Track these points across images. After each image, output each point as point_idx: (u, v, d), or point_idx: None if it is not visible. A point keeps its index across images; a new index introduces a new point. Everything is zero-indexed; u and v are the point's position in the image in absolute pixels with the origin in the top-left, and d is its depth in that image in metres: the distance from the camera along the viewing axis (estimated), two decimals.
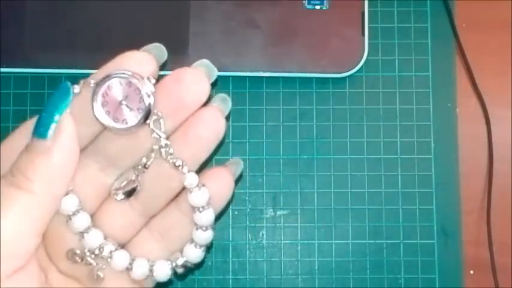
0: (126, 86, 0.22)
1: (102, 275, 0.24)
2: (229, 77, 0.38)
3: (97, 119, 0.22)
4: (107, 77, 0.22)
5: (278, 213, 0.38)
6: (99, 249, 0.23)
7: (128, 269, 0.24)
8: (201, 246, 0.24)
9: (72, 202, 0.23)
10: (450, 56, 0.39)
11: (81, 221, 0.23)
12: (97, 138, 0.23)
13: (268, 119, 0.38)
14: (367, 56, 0.38)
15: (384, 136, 0.38)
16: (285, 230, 0.38)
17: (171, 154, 0.22)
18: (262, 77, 0.38)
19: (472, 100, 0.39)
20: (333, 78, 0.38)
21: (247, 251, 0.37)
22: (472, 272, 0.37)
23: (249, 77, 0.38)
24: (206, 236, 0.24)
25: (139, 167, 0.23)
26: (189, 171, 0.23)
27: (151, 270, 0.24)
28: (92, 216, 0.24)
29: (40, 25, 0.38)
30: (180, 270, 0.24)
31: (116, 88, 0.22)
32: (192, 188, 0.23)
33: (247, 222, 0.38)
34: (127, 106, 0.22)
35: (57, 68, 0.38)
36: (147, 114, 0.22)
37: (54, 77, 0.38)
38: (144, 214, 0.24)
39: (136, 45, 0.23)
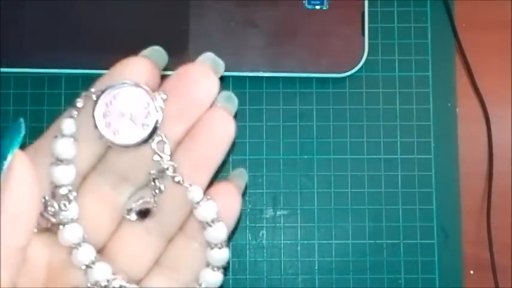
0: (134, 98, 0.20)
1: None
2: (229, 77, 0.38)
3: (96, 128, 0.20)
4: (112, 86, 0.20)
5: (278, 213, 0.38)
6: (106, 285, 0.21)
7: None
8: (218, 268, 0.22)
9: (75, 233, 0.21)
10: (450, 56, 0.39)
11: (86, 253, 0.21)
12: (105, 155, 0.21)
13: (268, 119, 0.38)
14: (367, 56, 0.38)
15: (384, 136, 0.38)
16: (285, 230, 0.38)
17: (175, 173, 0.21)
18: (262, 77, 0.38)
19: (472, 100, 0.39)
20: (333, 78, 0.38)
21: (247, 251, 0.37)
22: (472, 272, 0.37)
23: (249, 77, 0.38)
24: (222, 254, 0.21)
25: (156, 191, 0.21)
26: (192, 185, 0.21)
27: None
28: (102, 247, 0.22)
29: (40, 25, 0.38)
30: None
31: (122, 99, 0.20)
32: (197, 201, 0.21)
33: (247, 222, 0.38)
34: (131, 120, 0.20)
35: (57, 68, 0.38)
36: (153, 133, 0.20)
37: (54, 77, 0.38)
38: (161, 235, 0.22)
39: (136, 45, 0.22)
